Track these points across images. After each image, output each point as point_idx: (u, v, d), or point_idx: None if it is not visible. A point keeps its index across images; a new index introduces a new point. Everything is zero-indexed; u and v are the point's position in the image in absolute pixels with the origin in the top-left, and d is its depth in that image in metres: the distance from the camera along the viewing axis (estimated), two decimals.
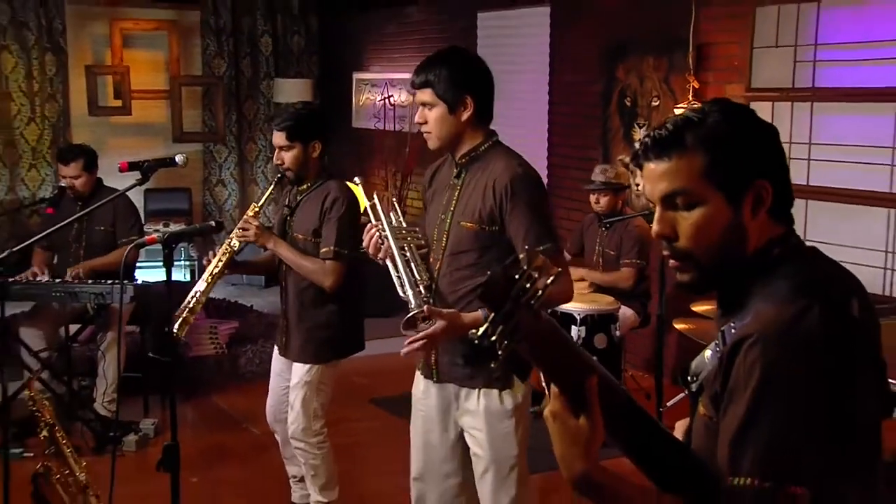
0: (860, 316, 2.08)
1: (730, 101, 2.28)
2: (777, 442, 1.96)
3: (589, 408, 2.06)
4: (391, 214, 4.37)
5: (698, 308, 6.10)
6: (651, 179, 2.21)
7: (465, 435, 4.24)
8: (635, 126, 8.92)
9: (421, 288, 4.14)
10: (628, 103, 8.99)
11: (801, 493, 1.93)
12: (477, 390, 4.12)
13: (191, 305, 5.34)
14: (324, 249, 5.31)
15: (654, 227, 2.23)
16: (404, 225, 4.39)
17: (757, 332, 2.01)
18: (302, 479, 5.74)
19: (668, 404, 6.24)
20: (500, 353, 1.88)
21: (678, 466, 2.17)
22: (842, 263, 2.22)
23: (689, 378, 2.35)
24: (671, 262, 2.24)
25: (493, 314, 1.88)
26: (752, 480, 1.95)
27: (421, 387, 4.38)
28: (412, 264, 4.20)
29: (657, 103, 8.67)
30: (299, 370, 5.47)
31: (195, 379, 8.41)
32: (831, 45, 7.14)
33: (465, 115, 4.03)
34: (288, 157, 5.38)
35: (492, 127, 4.18)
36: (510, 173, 3.98)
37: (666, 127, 2.19)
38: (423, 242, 4.30)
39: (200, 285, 5.42)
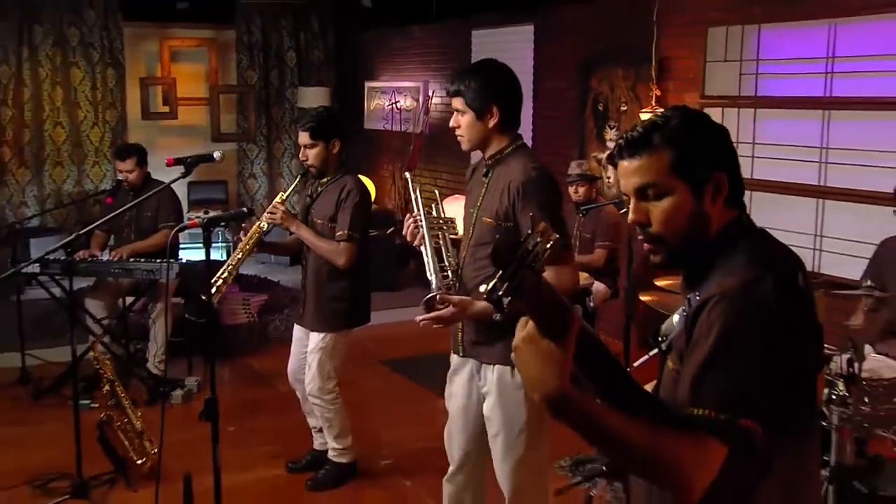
0: (804, 287, 2.14)
1: (687, 107, 2.31)
2: (733, 382, 1.99)
3: (565, 335, 1.99)
4: (434, 206, 4.34)
5: (661, 283, 6.11)
6: (625, 175, 2.25)
7: (484, 403, 4.17)
8: (606, 127, 8.93)
9: (448, 273, 4.12)
10: (601, 108, 9.00)
11: (753, 428, 1.96)
12: (492, 366, 4.06)
13: (224, 276, 5.38)
14: (339, 233, 5.35)
15: (630, 216, 2.26)
16: (443, 216, 4.34)
17: (719, 294, 2.05)
18: (321, 430, 5.79)
19: (635, 364, 6.25)
20: (505, 307, 1.87)
21: (645, 404, 2.16)
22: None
23: (659, 338, 2.37)
24: (645, 245, 2.27)
25: (500, 272, 1.88)
26: (709, 412, 1.97)
27: (454, 360, 4.34)
28: (442, 252, 4.18)
29: (625, 108, 8.69)
30: (315, 338, 5.51)
31: (231, 343, 8.47)
32: (770, 60, 7.18)
33: (492, 122, 3.95)
34: (312, 154, 5.43)
35: None
36: (524, 176, 3.87)
37: (636, 130, 2.22)
38: (457, 233, 4.26)
39: (233, 259, 5.47)
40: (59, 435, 5.93)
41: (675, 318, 2.30)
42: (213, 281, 5.27)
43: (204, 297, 5.13)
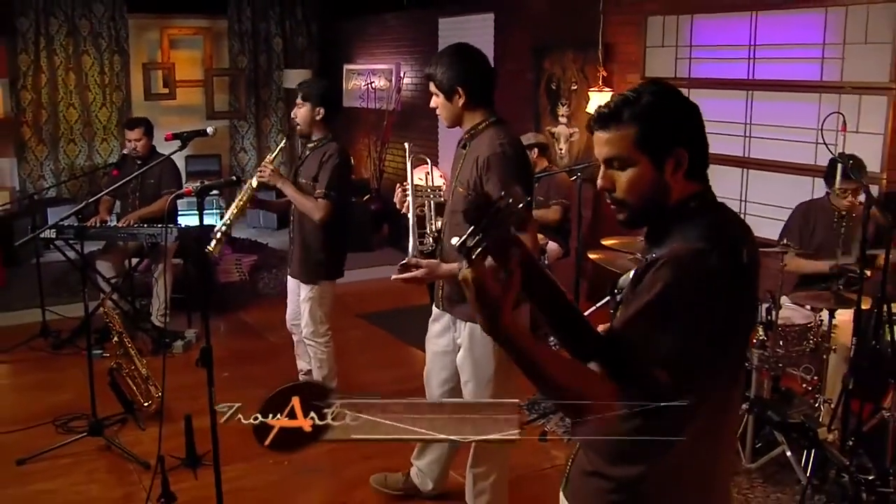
0: (747, 261, 2.14)
1: (662, 83, 2.26)
2: (656, 335, 2.03)
3: (509, 265, 1.95)
4: (426, 175, 4.32)
5: (607, 242, 6.17)
6: (598, 144, 2.24)
7: (458, 353, 4.20)
8: (559, 105, 8.96)
9: (429, 238, 4.14)
10: (554, 87, 9.03)
11: (665, 380, 1.99)
12: (465, 322, 4.07)
13: (223, 229, 5.34)
14: (318, 191, 5.34)
15: (599, 181, 2.25)
16: (431, 184, 4.32)
17: (668, 257, 2.07)
18: (308, 373, 5.80)
19: (585, 315, 6.33)
20: (473, 257, 1.84)
21: (590, 337, 2.19)
22: None
23: (615, 290, 2.43)
24: (612, 206, 2.27)
25: (472, 227, 1.86)
26: (631, 357, 2.03)
27: (434, 312, 4.36)
28: (426, 219, 4.18)
29: (575, 88, 8.71)
30: (305, 288, 5.54)
31: (225, 299, 8.48)
32: (701, 46, 7.23)
33: (460, 102, 3.94)
34: (299, 112, 5.47)
35: None
36: (491, 150, 3.84)
37: (609, 104, 2.21)
38: (443, 201, 4.24)
39: (228, 215, 5.45)
40: (76, 381, 5.98)
41: (631, 273, 2.31)
42: (213, 233, 5.31)
43: (208, 249, 5.23)
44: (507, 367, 4.01)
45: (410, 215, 4.16)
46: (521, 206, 1.90)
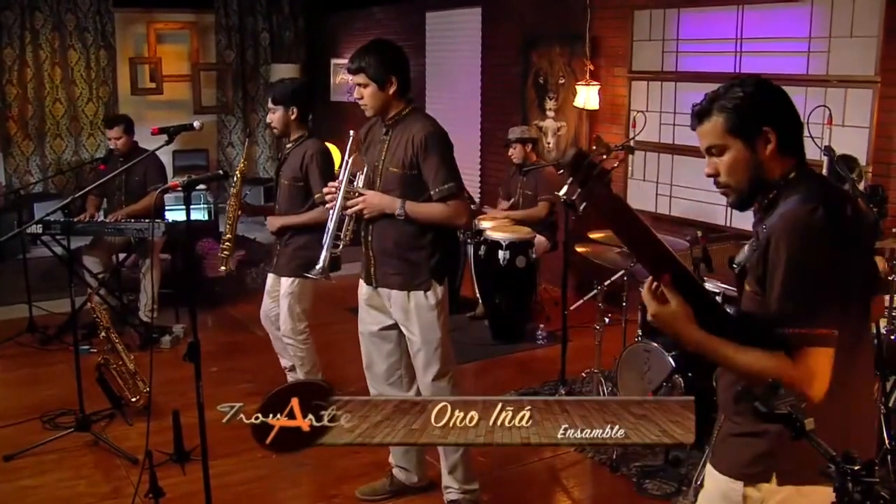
0: (852, 215, 2.39)
1: (749, 76, 2.53)
2: (806, 301, 2.26)
3: (673, 296, 2.34)
4: (358, 176, 4.42)
5: (594, 235, 6.18)
6: (699, 138, 2.51)
7: (401, 326, 4.40)
8: (546, 98, 8.97)
9: (340, 244, 4.45)
10: (541, 81, 9.03)
11: (829, 333, 2.25)
12: (407, 292, 4.30)
13: (226, 246, 5.60)
14: (317, 196, 5.33)
15: (706, 169, 2.51)
16: (360, 190, 4.36)
17: (780, 227, 2.31)
18: (292, 369, 5.81)
19: (572, 308, 6.34)
20: (579, 209, 2.15)
21: (735, 321, 2.48)
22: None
23: (733, 265, 2.58)
24: (720, 190, 2.50)
25: (571, 179, 2.11)
26: (797, 329, 2.26)
27: (363, 290, 4.54)
28: (343, 222, 4.40)
29: (563, 81, 8.73)
30: (285, 283, 5.54)
31: (213, 294, 8.46)
32: (688, 39, 7.25)
33: (392, 90, 4.19)
34: (274, 117, 5.53)
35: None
36: (425, 132, 4.15)
37: (702, 101, 2.49)
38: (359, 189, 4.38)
39: (226, 230, 5.65)
40: (63, 376, 5.98)
41: (746, 248, 2.53)
42: (219, 254, 5.65)
43: (223, 268, 5.60)
44: (447, 330, 4.40)
45: (334, 215, 4.37)
46: (608, 154, 2.14)
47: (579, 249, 6.21)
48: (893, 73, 5.86)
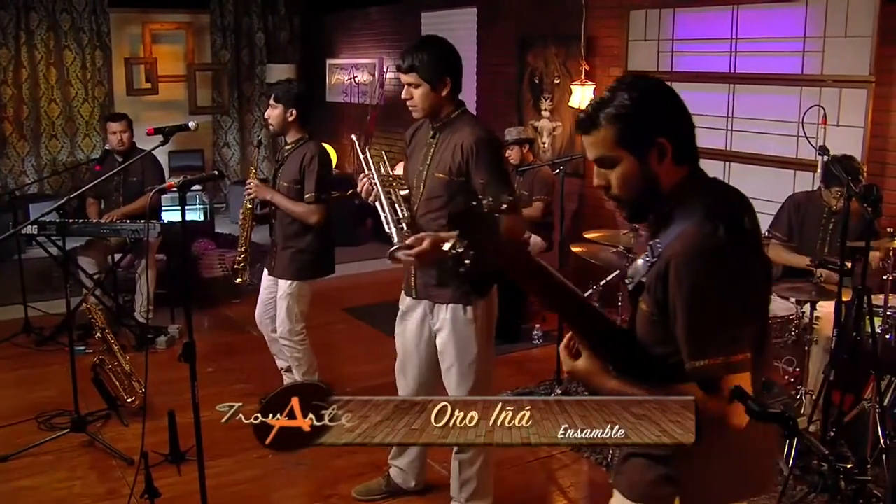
0: (750, 228, 2.27)
1: (637, 78, 2.35)
2: (715, 330, 2.14)
3: (583, 349, 2.29)
4: (381, 165, 4.27)
5: (589, 235, 6.19)
6: (586, 147, 2.33)
7: (437, 339, 4.21)
8: (542, 98, 8.96)
9: (403, 225, 4.08)
10: (536, 81, 9.02)
11: (744, 358, 2.14)
12: (446, 305, 4.11)
13: (242, 257, 5.68)
14: (308, 196, 5.38)
15: (594, 181, 2.35)
16: (391, 174, 4.29)
17: (681, 252, 2.16)
18: (288, 370, 5.80)
19: None
20: (464, 263, 1.98)
21: (628, 351, 2.34)
22: None
23: (626, 280, 2.45)
24: (612, 202, 2.36)
25: (458, 234, 1.96)
26: (708, 361, 2.14)
27: (406, 302, 4.36)
28: (396, 205, 4.14)
29: (558, 81, 8.72)
30: (284, 285, 5.53)
31: (208, 294, 8.46)
32: (683, 39, 7.25)
33: (445, 92, 3.97)
34: (273, 115, 5.49)
35: None
36: (475, 136, 3.91)
37: (587, 109, 2.30)
38: (405, 186, 4.22)
39: (241, 242, 5.71)
40: (59, 377, 5.98)
41: (640, 262, 2.37)
42: (233, 267, 5.75)
43: (239, 280, 5.69)
44: (488, 348, 4.14)
45: (384, 202, 4.12)
46: (505, 207, 2.00)
47: (575, 249, 6.21)
48: (888, 73, 5.87)
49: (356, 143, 4.63)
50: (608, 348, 2.30)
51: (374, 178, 4.18)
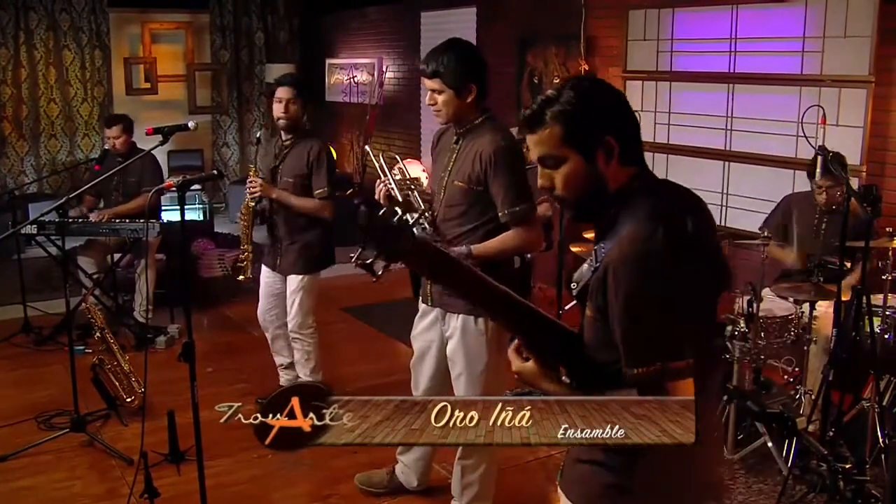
0: (692, 230, 2.18)
1: (582, 78, 2.30)
2: (653, 334, 2.08)
3: (528, 352, 2.29)
4: (396, 169, 4.23)
5: (589, 235, 6.19)
6: (530, 146, 2.25)
7: (447, 346, 4.15)
8: None
9: (426, 224, 4.01)
10: (536, 81, 9.02)
11: (685, 364, 2.06)
12: (457, 315, 4.04)
13: (244, 255, 5.64)
14: (319, 191, 5.38)
15: (539, 181, 2.27)
16: (408, 177, 4.25)
17: (618, 258, 2.09)
18: (287, 367, 5.81)
19: (566, 308, 6.36)
20: (378, 274, 2.03)
21: (573, 352, 2.29)
22: None
23: (571, 285, 2.38)
24: (556, 203, 2.30)
25: (364, 242, 1.95)
26: (645, 368, 2.07)
27: (421, 308, 4.32)
28: (416, 203, 4.09)
29: (557, 81, 8.69)
30: (294, 280, 5.53)
31: (208, 294, 8.45)
32: (683, 39, 7.25)
33: (470, 98, 3.88)
34: (292, 108, 5.39)
35: None
36: (494, 146, 3.80)
37: (532, 107, 2.23)
38: (426, 189, 4.18)
39: (243, 240, 5.67)
40: (58, 377, 5.98)
41: (585, 266, 2.31)
42: (236, 264, 5.68)
43: (242, 277, 5.60)
44: (498, 359, 4.02)
45: (402, 208, 4.01)
46: (417, 218, 2.02)
47: (574, 249, 6.22)
48: (887, 73, 5.87)
49: (368, 152, 4.58)
50: (553, 353, 2.29)
51: (390, 184, 4.12)
